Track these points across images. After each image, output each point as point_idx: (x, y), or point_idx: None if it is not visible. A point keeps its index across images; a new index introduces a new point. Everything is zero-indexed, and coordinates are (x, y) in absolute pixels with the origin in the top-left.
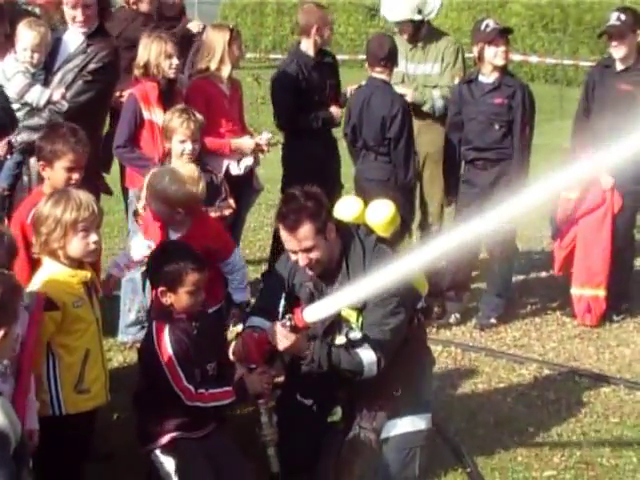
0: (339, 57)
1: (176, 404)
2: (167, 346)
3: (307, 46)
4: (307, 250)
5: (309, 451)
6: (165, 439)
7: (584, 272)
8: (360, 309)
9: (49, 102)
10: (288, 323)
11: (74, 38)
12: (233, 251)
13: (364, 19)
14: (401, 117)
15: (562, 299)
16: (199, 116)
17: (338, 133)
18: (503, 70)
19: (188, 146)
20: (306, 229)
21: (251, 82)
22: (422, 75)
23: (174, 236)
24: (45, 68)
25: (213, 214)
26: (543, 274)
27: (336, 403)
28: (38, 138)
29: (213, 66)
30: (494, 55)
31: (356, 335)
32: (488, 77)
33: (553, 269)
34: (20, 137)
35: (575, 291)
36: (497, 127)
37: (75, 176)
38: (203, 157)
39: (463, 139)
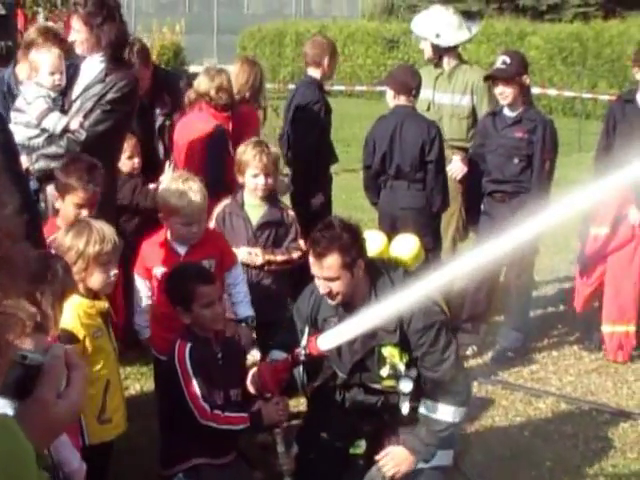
0: (357, 88)
1: (198, 430)
2: (187, 363)
3: None
4: (329, 279)
5: None
6: (188, 464)
7: (615, 309)
8: (398, 344)
9: (66, 130)
10: (303, 352)
11: (93, 66)
12: (237, 261)
13: (382, 51)
14: (439, 141)
15: (580, 333)
16: (274, 149)
17: None
18: (528, 104)
19: (261, 180)
20: (333, 259)
21: (270, 113)
22: (449, 105)
23: (182, 250)
24: (63, 95)
25: (280, 257)
26: (561, 307)
27: (360, 436)
28: (58, 167)
29: (248, 94)
30: (499, 94)
31: (407, 386)
32: (512, 110)
33: (572, 303)
34: (38, 165)
35: (606, 328)
36: (516, 161)
37: (84, 212)
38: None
39: (485, 171)
